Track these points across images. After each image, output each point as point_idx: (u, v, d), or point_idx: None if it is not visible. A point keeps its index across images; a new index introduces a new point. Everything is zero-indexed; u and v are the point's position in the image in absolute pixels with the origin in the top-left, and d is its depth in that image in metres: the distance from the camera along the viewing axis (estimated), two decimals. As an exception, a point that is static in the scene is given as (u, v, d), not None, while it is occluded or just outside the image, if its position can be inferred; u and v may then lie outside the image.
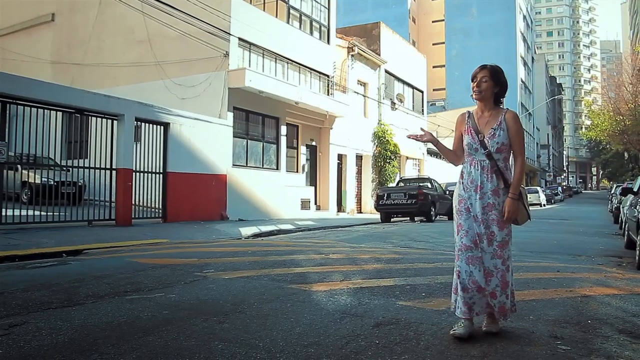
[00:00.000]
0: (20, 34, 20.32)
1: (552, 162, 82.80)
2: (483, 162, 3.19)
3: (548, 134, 78.25)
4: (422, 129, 3.58)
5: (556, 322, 3.49)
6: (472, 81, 3.26)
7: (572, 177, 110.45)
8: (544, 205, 38.90)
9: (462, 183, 3.27)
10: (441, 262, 6.24)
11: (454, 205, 3.33)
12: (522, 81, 60.74)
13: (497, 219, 3.11)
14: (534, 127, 69.25)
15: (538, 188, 44.04)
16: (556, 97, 75.26)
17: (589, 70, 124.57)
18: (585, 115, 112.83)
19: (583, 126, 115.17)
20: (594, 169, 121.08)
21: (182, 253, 6.97)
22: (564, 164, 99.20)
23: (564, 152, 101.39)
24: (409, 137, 3.60)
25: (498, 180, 3.15)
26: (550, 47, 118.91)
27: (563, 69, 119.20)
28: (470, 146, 3.24)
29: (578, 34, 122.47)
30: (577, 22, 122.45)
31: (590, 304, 4.11)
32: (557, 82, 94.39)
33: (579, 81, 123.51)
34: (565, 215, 23.96)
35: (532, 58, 72.27)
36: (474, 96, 3.27)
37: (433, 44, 59.64)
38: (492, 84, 3.21)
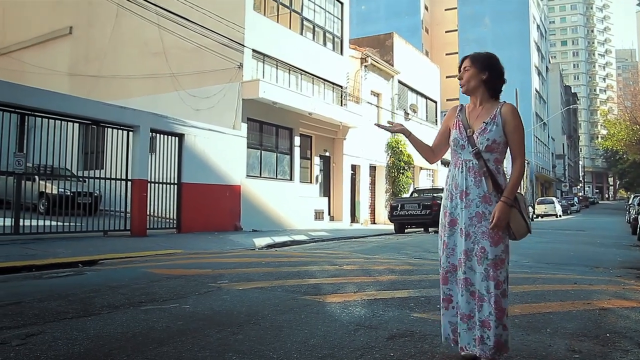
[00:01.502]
0: (38, 47, 20.69)
1: (568, 173, 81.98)
2: (469, 163, 2.70)
3: (563, 144, 77.58)
4: (389, 121, 3.27)
5: (574, 335, 3.44)
6: (459, 73, 2.89)
7: (589, 187, 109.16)
8: (560, 216, 38.45)
9: (447, 190, 2.79)
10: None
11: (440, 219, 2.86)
12: (536, 91, 60.40)
13: (488, 232, 2.60)
14: (548, 137, 68.71)
15: (554, 198, 43.58)
16: (571, 106, 74.59)
17: (604, 79, 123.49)
18: (601, 125, 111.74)
19: (599, 136, 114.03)
20: (610, 179, 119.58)
21: (196, 264, 7.00)
22: (580, 174, 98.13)
23: (580, 162, 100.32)
24: (376, 126, 3.26)
25: (488, 185, 2.66)
26: (565, 56, 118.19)
27: (578, 78, 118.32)
28: (456, 142, 2.77)
29: (593, 42, 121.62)
30: (592, 31, 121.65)
31: (608, 317, 4.05)
32: (572, 91, 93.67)
33: (595, 90, 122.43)
34: (582, 226, 23.67)
35: (547, 67, 71.88)
36: (462, 89, 2.88)
37: (446, 54, 59.62)
38: (476, 71, 2.76)
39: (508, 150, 2.77)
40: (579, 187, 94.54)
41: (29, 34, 20.85)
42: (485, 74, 2.75)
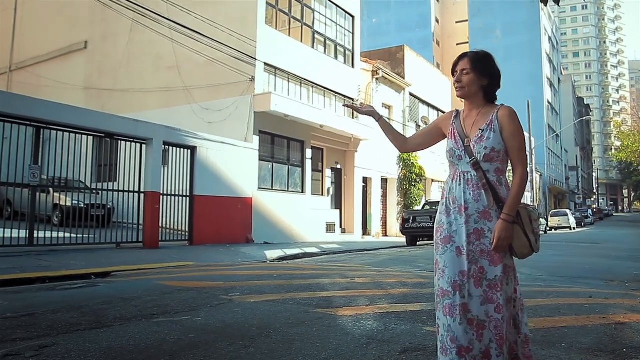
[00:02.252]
0: (54, 61, 21.02)
1: (582, 185, 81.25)
2: (468, 175, 2.46)
3: (576, 156, 77.01)
4: (361, 103, 3.07)
5: (589, 350, 3.39)
6: (453, 75, 2.63)
7: (603, 199, 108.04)
8: (574, 228, 38.03)
9: (444, 204, 2.53)
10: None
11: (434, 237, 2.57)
12: (548, 102, 60.17)
13: (488, 251, 2.36)
14: (561, 148, 68.28)
15: (567, 211, 43.17)
16: (584, 118, 74.10)
17: (617, 90, 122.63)
18: (615, 136, 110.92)
19: (613, 147, 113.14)
20: (625, 191, 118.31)
21: (208, 276, 7.00)
22: (594, 186, 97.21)
23: (594, 174, 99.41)
24: (345, 106, 3.14)
25: (488, 198, 2.40)
26: (577, 67, 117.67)
27: (591, 90, 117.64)
28: (452, 153, 2.53)
29: (605, 54, 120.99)
30: (604, 42, 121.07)
31: (625, 332, 3.98)
32: (585, 103, 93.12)
33: (608, 102, 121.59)
34: (596, 239, 23.37)
35: (559, 79, 71.62)
36: (456, 93, 2.63)
37: (457, 66, 59.49)
38: (476, 76, 2.52)
39: None
40: (593, 199, 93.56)
41: (44, 48, 21.21)
42: (486, 80, 2.53)
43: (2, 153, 8.71)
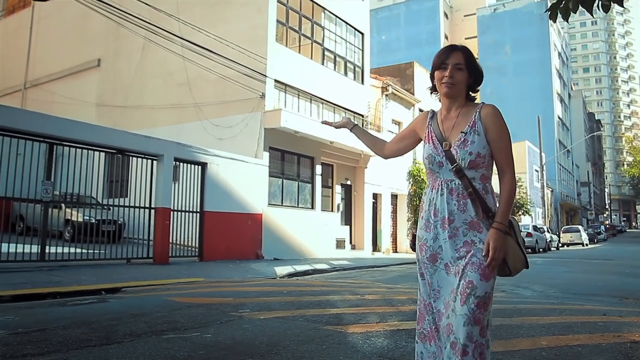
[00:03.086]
0: (67, 79, 21.32)
1: (594, 200, 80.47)
2: (451, 183, 2.21)
3: (588, 171, 76.42)
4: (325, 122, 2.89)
5: (604, 369, 3.33)
6: (439, 68, 2.30)
7: (615, 215, 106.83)
8: (587, 244, 37.63)
9: (424, 218, 2.28)
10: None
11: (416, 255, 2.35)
12: (559, 118, 59.95)
13: (480, 262, 2.09)
14: (573, 164, 67.83)
15: (580, 227, 42.74)
16: (595, 133, 73.69)
17: (628, 105, 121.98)
18: (627, 152, 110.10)
19: (625, 163, 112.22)
20: (638, 207, 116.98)
21: (217, 292, 7.00)
22: (606, 202, 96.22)
23: (606, 190, 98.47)
24: (323, 123, 2.93)
25: (476, 209, 2.16)
26: (587, 83, 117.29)
27: (601, 105, 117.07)
28: (432, 160, 2.27)
29: (616, 69, 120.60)
30: (614, 57, 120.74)
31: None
32: (596, 118, 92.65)
33: (619, 117, 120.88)
34: (610, 255, 23.09)
35: (569, 94, 71.41)
36: (442, 90, 2.30)
37: (467, 82, 59.58)
38: (467, 74, 2.28)
39: None
40: (605, 215, 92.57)
41: (58, 66, 21.54)
42: (472, 79, 2.31)
43: (15, 169, 8.82)
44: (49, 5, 11.94)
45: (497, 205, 2.20)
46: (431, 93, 2.45)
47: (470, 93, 2.33)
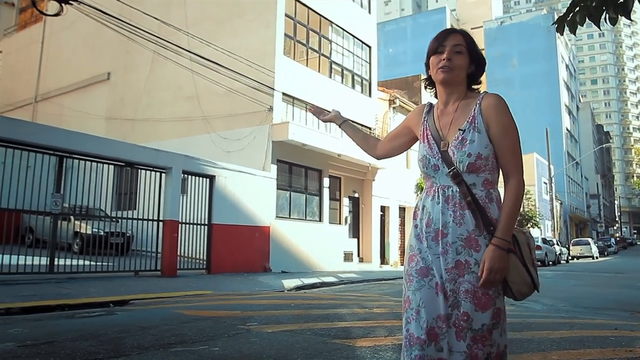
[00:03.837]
0: (77, 92, 21.57)
1: (603, 213, 79.92)
2: (448, 190, 1.89)
3: (597, 184, 75.99)
4: (313, 107, 2.55)
5: (616, 384, 3.29)
6: (436, 53, 1.99)
7: (626, 227, 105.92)
8: (597, 257, 37.31)
9: (417, 227, 1.97)
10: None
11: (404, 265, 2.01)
12: (567, 130, 59.78)
13: (474, 290, 1.79)
14: (582, 176, 67.47)
15: (589, 239, 42.45)
16: (604, 145, 73.44)
17: (637, 117, 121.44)
18: (636, 164, 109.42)
19: (634, 175, 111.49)
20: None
21: (225, 305, 6.99)
22: (616, 214, 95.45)
23: (616, 202, 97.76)
24: (310, 110, 2.59)
25: (475, 221, 1.83)
26: (596, 95, 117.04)
27: (610, 117, 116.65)
28: (426, 162, 1.96)
29: (624, 81, 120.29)
30: (622, 69, 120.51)
31: (653, 366, 3.86)
32: (605, 130, 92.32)
33: (628, 129, 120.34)
34: (621, 268, 22.84)
35: (577, 106, 71.28)
36: (438, 77, 1.97)
37: (474, 95, 59.71)
38: (468, 59, 1.97)
39: None
40: (615, 227, 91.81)
41: (69, 79, 21.81)
42: (474, 66, 1.99)
43: (25, 181, 8.89)
44: (60, 20, 12.13)
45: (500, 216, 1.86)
46: (426, 87, 2.14)
47: (472, 86, 2.03)
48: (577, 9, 3.86)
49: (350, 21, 19.70)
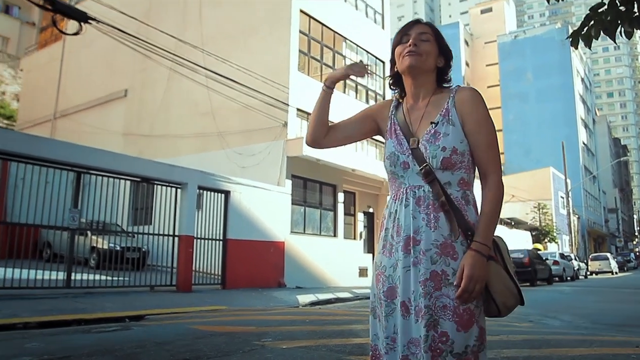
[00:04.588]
0: (95, 109, 21.92)
1: (622, 227, 78.65)
2: (419, 190, 1.68)
3: (615, 198, 74.91)
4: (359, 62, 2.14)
5: (639, 403, 3.21)
6: (401, 43, 1.83)
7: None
8: (616, 272, 36.64)
9: (383, 238, 1.75)
10: (507, 335, 5.94)
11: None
12: (584, 144, 59.21)
13: (454, 307, 1.55)
14: (599, 190, 66.61)
15: (608, 254, 41.68)
16: (621, 159, 72.49)
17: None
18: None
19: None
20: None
21: (240, 321, 6.98)
22: (635, 229, 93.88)
23: (635, 216, 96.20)
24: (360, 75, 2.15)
25: (450, 225, 1.62)
26: (612, 108, 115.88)
27: (627, 130, 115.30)
28: (394, 160, 1.76)
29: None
30: (639, 82, 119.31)
31: (676, 384, 3.77)
32: (622, 143, 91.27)
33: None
34: (641, 285, 22.40)
35: (593, 120, 70.65)
36: (404, 64, 1.79)
37: (489, 109, 59.49)
38: (437, 48, 1.81)
39: None
40: (635, 242, 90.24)
41: (87, 96, 22.18)
42: (443, 60, 1.85)
43: (44, 197, 9.02)
44: (79, 39, 12.36)
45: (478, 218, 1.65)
46: (391, 87, 1.95)
47: (442, 79, 1.88)
48: (592, 22, 3.85)
49: (363, 37, 19.83)
